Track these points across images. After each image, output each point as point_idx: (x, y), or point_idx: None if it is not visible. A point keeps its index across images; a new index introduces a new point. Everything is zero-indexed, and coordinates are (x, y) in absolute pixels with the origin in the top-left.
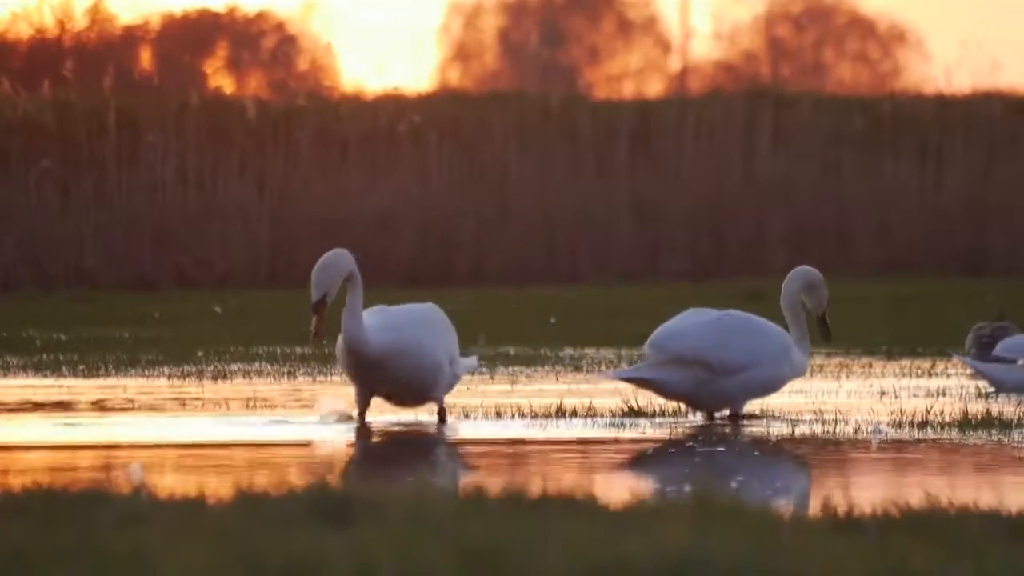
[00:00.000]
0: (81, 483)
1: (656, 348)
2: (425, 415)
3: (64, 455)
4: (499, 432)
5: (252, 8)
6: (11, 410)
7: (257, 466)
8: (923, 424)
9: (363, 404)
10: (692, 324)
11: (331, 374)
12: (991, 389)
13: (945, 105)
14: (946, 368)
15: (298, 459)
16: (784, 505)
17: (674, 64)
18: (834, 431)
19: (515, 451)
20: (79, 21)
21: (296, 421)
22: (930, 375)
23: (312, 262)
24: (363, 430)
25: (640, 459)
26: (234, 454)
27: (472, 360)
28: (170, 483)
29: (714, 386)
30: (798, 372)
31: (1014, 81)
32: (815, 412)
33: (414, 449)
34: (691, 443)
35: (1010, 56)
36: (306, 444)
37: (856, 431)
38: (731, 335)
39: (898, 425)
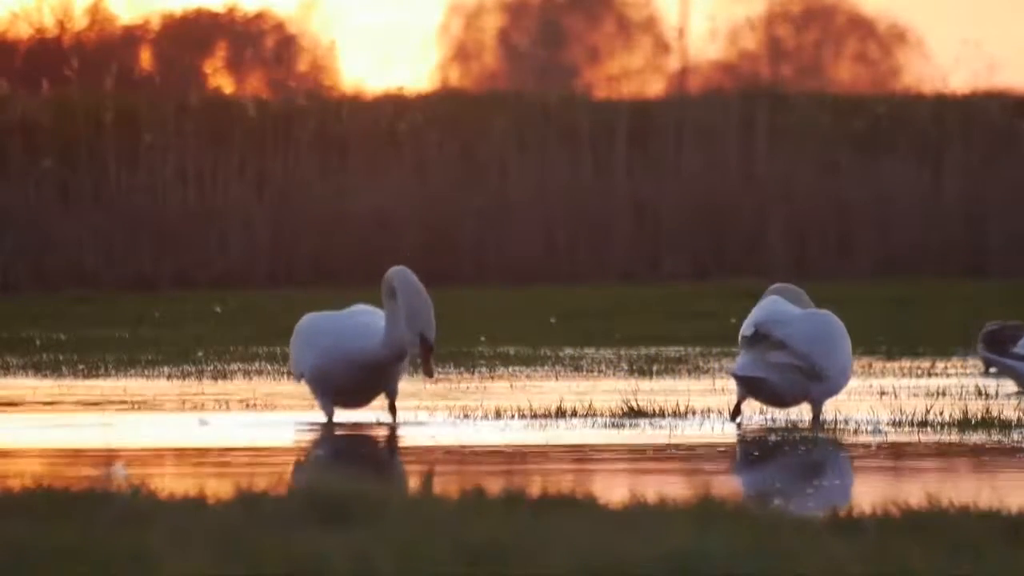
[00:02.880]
0: (82, 483)
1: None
2: (372, 413)
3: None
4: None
5: (252, 8)
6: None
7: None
8: (923, 424)
9: (331, 409)
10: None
11: None
12: (1018, 389)
13: (945, 105)
14: (946, 368)
15: (289, 463)
16: (784, 505)
17: (673, 64)
18: (834, 431)
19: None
20: (79, 21)
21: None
22: (930, 375)
23: (312, 262)
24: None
25: (639, 459)
26: (235, 458)
27: None
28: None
29: (812, 385)
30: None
31: (1014, 81)
32: (820, 414)
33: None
34: (691, 443)
35: (1010, 56)
36: (295, 447)
37: (856, 431)
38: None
39: (898, 425)
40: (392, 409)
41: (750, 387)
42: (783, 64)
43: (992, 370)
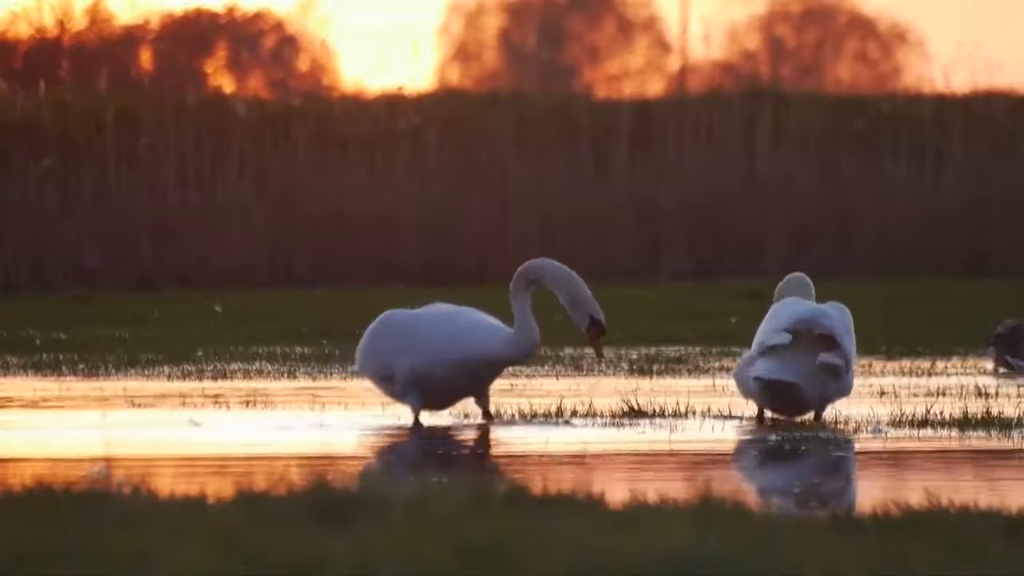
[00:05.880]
0: (81, 483)
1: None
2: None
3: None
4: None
5: (251, 8)
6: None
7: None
8: (923, 424)
9: (420, 410)
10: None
11: (331, 374)
12: None
13: (945, 105)
14: (946, 368)
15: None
16: (784, 505)
17: (674, 64)
18: (834, 431)
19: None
20: (79, 21)
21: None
22: (930, 375)
23: (312, 262)
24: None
25: (639, 461)
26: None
27: None
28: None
29: (831, 386)
30: None
31: (1014, 81)
32: (823, 414)
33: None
34: (691, 444)
35: (1010, 56)
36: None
37: (856, 431)
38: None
39: (898, 425)
40: (487, 413)
41: (774, 393)
42: (783, 64)
43: (1001, 369)
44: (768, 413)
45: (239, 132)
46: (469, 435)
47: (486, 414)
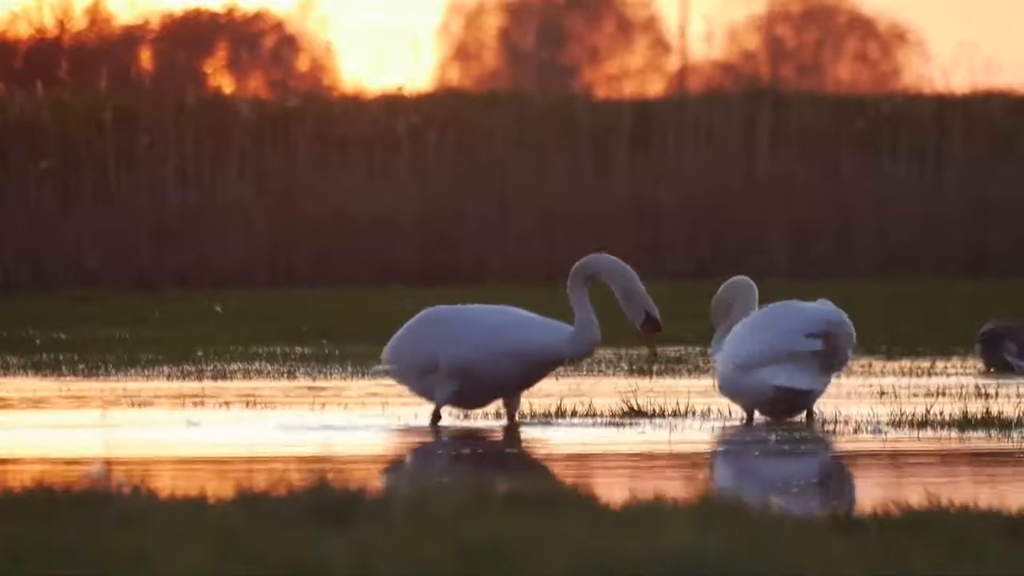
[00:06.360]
0: (81, 483)
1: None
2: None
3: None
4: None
5: (251, 8)
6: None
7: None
8: (923, 424)
9: (446, 406)
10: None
11: (331, 374)
12: None
13: (945, 105)
14: (946, 368)
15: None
16: (784, 505)
17: (673, 64)
18: (834, 431)
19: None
20: (79, 21)
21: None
22: (930, 375)
23: (312, 262)
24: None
25: (638, 460)
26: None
27: None
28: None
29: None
30: None
31: (1014, 81)
32: (815, 412)
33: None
34: (691, 444)
35: (1010, 56)
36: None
37: (856, 431)
38: None
39: (898, 425)
40: (513, 416)
41: (789, 400)
42: (783, 64)
43: (991, 369)
44: (758, 414)
45: (239, 132)
46: (511, 435)
47: (512, 417)
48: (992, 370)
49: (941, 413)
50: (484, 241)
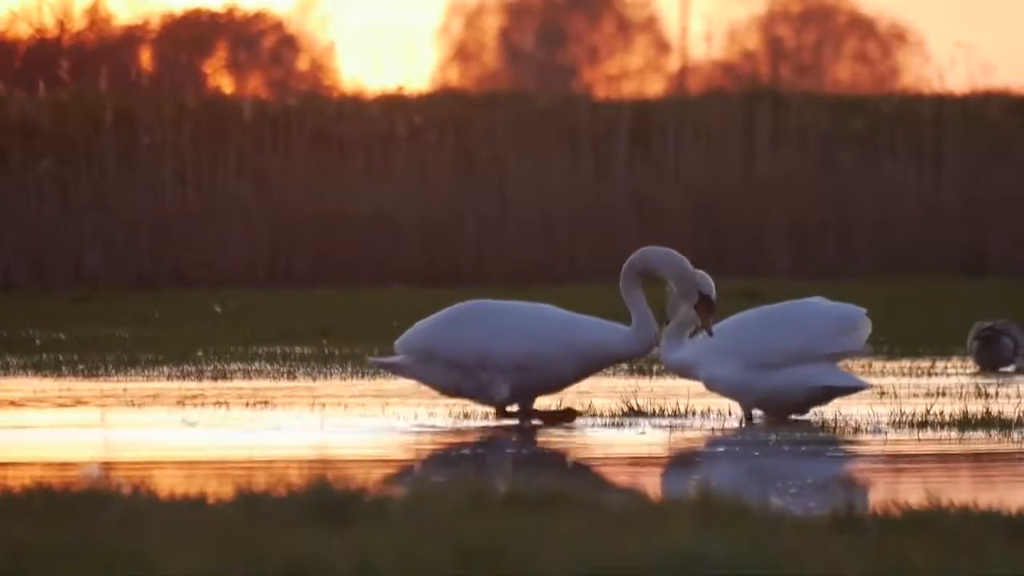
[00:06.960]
0: (81, 483)
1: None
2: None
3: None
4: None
5: (251, 8)
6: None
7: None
8: (923, 424)
9: (508, 402)
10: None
11: (331, 374)
12: None
13: (944, 105)
14: (946, 368)
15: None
16: (784, 505)
17: (673, 64)
18: (834, 431)
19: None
20: (79, 21)
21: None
22: (930, 375)
23: (312, 262)
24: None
25: (637, 461)
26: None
27: None
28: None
29: None
30: None
31: (1012, 81)
32: (815, 412)
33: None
34: (692, 444)
35: (1009, 56)
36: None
37: (856, 431)
38: None
39: (898, 425)
40: (528, 414)
41: (823, 399)
42: (783, 64)
43: (983, 368)
44: (756, 413)
45: (239, 132)
46: (551, 437)
47: (531, 413)
48: (985, 369)
49: (941, 413)
50: (484, 241)
